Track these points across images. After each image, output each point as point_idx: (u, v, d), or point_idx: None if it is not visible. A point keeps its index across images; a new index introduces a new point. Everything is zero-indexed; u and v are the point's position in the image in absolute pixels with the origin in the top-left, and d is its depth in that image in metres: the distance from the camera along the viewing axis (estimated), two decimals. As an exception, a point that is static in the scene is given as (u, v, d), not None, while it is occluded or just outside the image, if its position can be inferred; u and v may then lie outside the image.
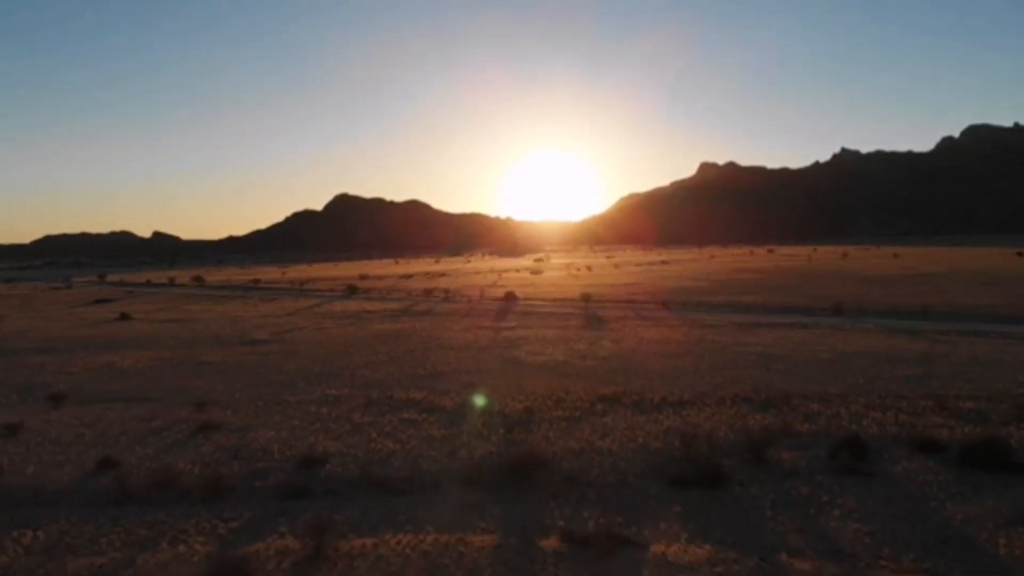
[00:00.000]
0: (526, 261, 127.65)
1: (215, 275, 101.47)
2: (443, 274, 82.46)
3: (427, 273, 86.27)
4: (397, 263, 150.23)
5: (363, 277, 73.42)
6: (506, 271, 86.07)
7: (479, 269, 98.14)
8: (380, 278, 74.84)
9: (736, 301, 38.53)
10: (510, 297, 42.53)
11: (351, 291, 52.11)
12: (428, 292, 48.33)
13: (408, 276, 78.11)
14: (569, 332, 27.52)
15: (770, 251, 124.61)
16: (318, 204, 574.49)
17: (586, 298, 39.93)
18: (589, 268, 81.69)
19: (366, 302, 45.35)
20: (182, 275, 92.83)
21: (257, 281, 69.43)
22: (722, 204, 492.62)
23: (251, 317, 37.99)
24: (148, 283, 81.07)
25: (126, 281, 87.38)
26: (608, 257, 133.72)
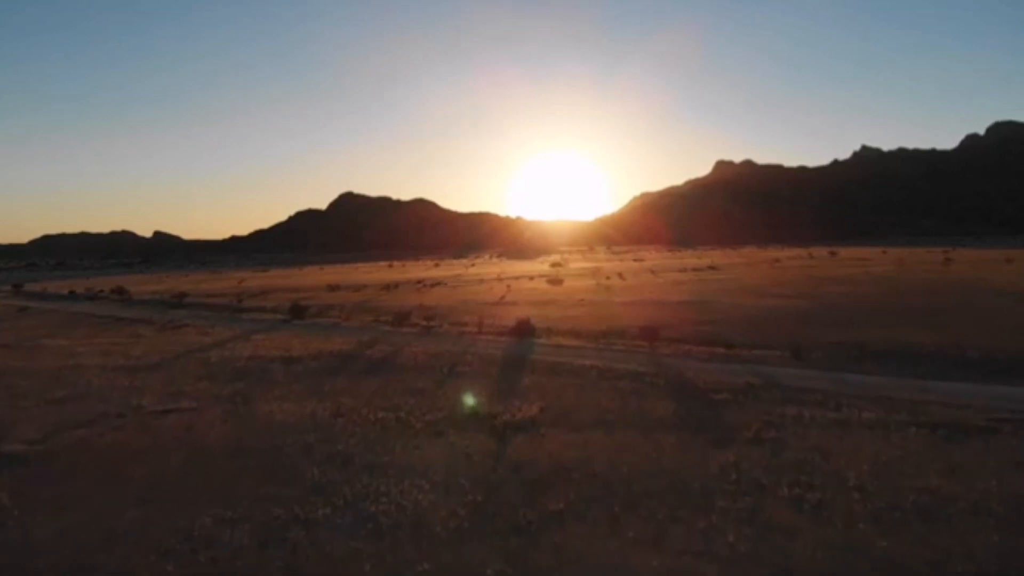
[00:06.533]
0: (540, 265, 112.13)
1: (170, 282, 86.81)
2: (438, 283, 66.87)
3: (419, 281, 70.60)
4: (391, 266, 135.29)
5: (333, 288, 58.28)
6: (517, 279, 70.47)
7: (484, 275, 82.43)
8: (356, 288, 59.50)
9: (896, 342, 23.02)
10: (524, 330, 27.17)
11: (296, 313, 36.82)
12: (405, 317, 33.01)
13: (394, 286, 62.65)
14: (670, 456, 12.07)
15: (832, 253, 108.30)
16: (322, 203, 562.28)
17: (649, 334, 24.46)
18: (621, 276, 66.04)
19: (306, 334, 30.11)
20: (130, 281, 78.23)
21: (183, 295, 54.16)
22: (738, 203, 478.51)
23: (98, 368, 22.89)
24: (72, 294, 66.38)
25: (47, 292, 72.54)
26: (636, 261, 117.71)
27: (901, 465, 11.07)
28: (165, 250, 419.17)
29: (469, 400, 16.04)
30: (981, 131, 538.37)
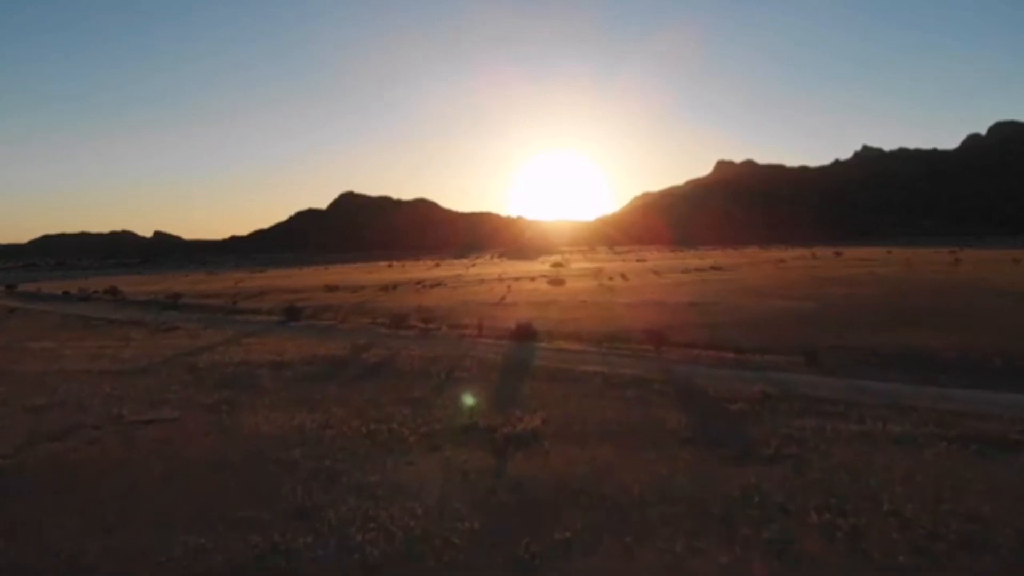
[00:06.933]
0: (541, 265, 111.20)
1: (167, 282, 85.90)
2: (438, 284, 66.00)
3: (418, 282, 69.72)
4: (391, 267, 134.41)
5: (330, 289, 57.40)
6: (518, 279, 69.55)
7: (484, 276, 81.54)
8: (354, 289, 58.58)
9: (910, 346, 22.12)
10: (525, 333, 26.28)
11: (291, 315, 35.98)
12: (402, 319, 32.13)
13: (393, 286, 61.77)
14: (685, 475, 11.01)
15: (837, 253, 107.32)
16: (323, 203, 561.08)
17: (655, 338, 23.52)
18: (624, 277, 65.14)
19: (300, 337, 29.22)
20: (127, 282, 77.38)
21: (177, 296, 53.32)
22: (739, 203, 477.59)
23: (83, 373, 22.00)
24: (66, 295, 65.56)
25: (41, 293, 71.64)
26: (639, 261, 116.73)
27: (938, 486, 10.15)
28: (165, 250, 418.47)
29: (467, 411, 15.15)
30: (983, 131, 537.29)
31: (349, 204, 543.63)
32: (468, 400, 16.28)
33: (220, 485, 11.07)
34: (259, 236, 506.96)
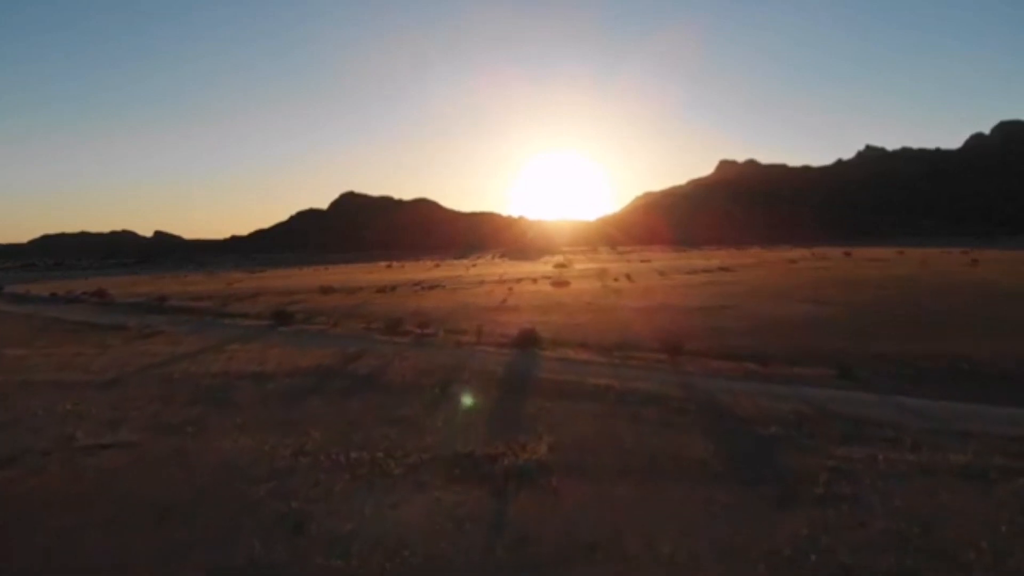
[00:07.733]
0: (543, 266, 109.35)
1: (162, 283, 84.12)
2: (436, 285, 64.19)
3: (417, 283, 67.90)
4: (391, 267, 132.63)
5: (326, 290, 55.66)
6: (519, 280, 67.69)
7: (485, 277, 79.70)
8: (350, 291, 56.81)
9: (947, 355, 20.29)
10: (527, 340, 24.48)
11: (281, 319, 34.18)
12: (397, 324, 30.33)
13: (390, 288, 59.94)
14: (723, 524, 9.06)
15: (847, 254, 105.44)
16: (323, 203, 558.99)
17: (670, 347, 21.70)
18: (629, 278, 63.25)
19: (287, 344, 27.39)
20: (122, 282, 75.76)
21: (164, 299, 51.58)
22: (740, 203, 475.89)
23: (48, 386, 20.22)
24: (53, 296, 63.95)
25: (28, 295, 70.02)
26: (643, 261, 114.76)
27: (1030, 539, 8.35)
28: (166, 250, 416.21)
29: (461, 435, 13.35)
30: (986, 130, 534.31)
31: (349, 204, 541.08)
32: (463, 421, 14.55)
33: (168, 533, 9.30)
34: (259, 236, 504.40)
